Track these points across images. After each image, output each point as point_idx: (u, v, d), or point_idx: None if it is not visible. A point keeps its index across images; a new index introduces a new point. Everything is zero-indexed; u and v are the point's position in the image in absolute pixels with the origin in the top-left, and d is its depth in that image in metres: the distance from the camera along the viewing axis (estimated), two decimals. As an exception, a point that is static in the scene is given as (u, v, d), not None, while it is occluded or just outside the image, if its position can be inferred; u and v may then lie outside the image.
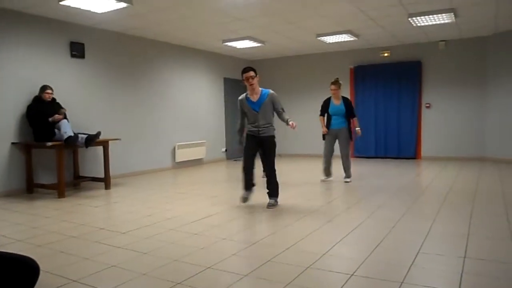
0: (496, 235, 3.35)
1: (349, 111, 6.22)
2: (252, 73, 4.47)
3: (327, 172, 6.37)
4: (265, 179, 4.80)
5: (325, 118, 6.30)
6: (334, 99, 6.25)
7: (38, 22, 5.97)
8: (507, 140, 8.06)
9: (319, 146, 9.96)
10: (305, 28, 7.36)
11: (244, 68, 4.55)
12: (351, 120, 6.31)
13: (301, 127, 10.24)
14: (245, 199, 4.73)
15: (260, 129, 4.57)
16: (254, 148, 4.67)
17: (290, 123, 4.45)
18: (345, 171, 6.34)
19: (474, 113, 8.65)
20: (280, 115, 4.63)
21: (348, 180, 6.30)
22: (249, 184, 4.72)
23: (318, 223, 3.87)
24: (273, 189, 4.69)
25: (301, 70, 10.43)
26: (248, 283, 2.50)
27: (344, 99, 6.27)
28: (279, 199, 4.78)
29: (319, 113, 6.36)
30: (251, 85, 4.49)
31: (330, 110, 6.22)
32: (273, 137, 4.63)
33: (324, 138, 6.32)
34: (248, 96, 4.60)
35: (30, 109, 5.67)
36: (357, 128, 6.33)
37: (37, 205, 5.02)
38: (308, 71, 10.32)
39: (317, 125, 10.02)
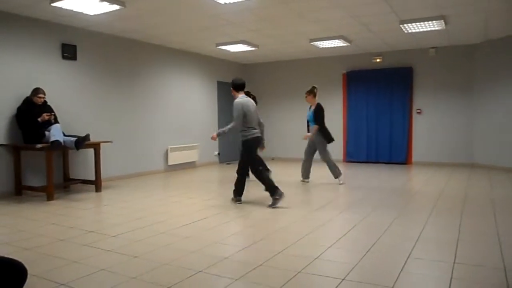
0: (486, 241, 3.38)
1: (315, 117, 6.38)
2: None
3: (304, 174, 6.72)
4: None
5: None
6: (311, 105, 6.57)
7: (30, 23, 5.92)
8: (495, 147, 8.16)
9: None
10: (299, 33, 7.39)
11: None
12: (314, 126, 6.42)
13: (294, 131, 10.30)
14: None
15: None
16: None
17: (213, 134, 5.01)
18: (332, 174, 6.46)
19: (463, 119, 8.75)
20: None
21: (340, 181, 6.45)
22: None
23: (310, 228, 3.87)
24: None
25: (295, 75, 10.47)
26: (240, 287, 2.49)
27: (316, 105, 6.45)
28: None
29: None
30: None
31: (307, 116, 6.63)
32: (242, 141, 4.97)
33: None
34: None
35: (20, 111, 5.60)
36: (307, 134, 6.58)
37: (25, 208, 4.96)
38: (301, 75, 10.36)
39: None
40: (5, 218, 4.44)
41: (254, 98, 5.73)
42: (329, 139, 6.40)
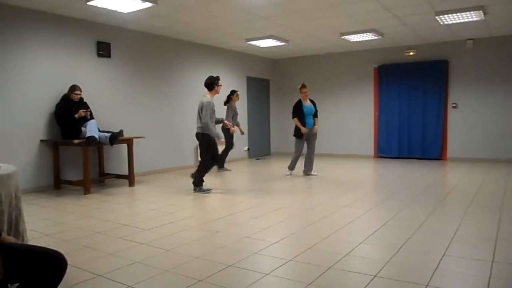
0: (526, 239, 3.24)
1: (316, 111, 6.92)
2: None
3: (293, 167, 7.04)
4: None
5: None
6: (305, 100, 6.85)
7: (66, 22, 6.13)
8: (538, 142, 7.78)
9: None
10: (329, 27, 7.29)
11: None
12: (314, 119, 6.92)
13: (324, 127, 10.18)
14: None
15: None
16: None
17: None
18: (311, 166, 6.92)
19: (501, 114, 8.39)
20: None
21: (315, 174, 6.97)
22: None
23: (340, 223, 3.83)
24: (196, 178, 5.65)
25: (325, 69, 10.34)
26: (269, 282, 2.50)
27: (312, 101, 6.95)
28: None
29: (302, 114, 6.79)
30: None
31: (305, 110, 6.77)
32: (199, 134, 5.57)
33: (300, 137, 6.80)
34: None
35: (58, 108, 5.83)
36: (316, 126, 6.93)
37: (64, 201, 5.16)
38: (331, 70, 10.23)
39: (336, 125, 9.93)
40: (46, 210, 4.63)
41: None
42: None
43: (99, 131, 5.78)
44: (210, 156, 5.56)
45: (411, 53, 9.12)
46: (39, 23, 5.80)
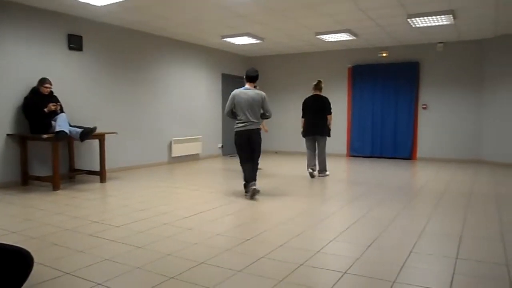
0: (489, 237, 3.38)
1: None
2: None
3: (308, 164, 6.76)
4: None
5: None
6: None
7: (36, 13, 5.93)
8: (502, 143, 8.11)
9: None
10: (305, 26, 7.35)
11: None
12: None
13: (298, 125, 10.29)
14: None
15: None
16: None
17: None
18: (320, 165, 6.74)
19: (470, 115, 8.69)
20: None
21: (322, 174, 6.76)
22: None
23: (312, 221, 3.88)
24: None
25: (300, 68, 10.43)
26: (241, 279, 2.51)
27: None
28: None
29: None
30: None
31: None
32: (256, 130, 5.05)
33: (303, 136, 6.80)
34: None
35: (27, 101, 5.64)
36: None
37: (32, 198, 5.01)
38: (306, 69, 10.33)
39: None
40: (13, 207, 4.49)
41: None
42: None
43: (70, 126, 5.63)
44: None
45: (384, 54, 9.32)
46: (7, 14, 5.60)
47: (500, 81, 8.14)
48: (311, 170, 6.56)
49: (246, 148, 4.96)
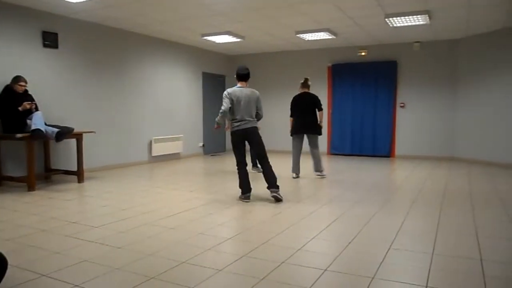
0: (463, 232, 3.47)
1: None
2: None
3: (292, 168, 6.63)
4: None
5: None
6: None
7: (9, 9, 5.76)
8: (475, 141, 8.33)
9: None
10: (285, 25, 7.38)
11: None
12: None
13: (280, 123, 10.34)
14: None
15: None
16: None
17: None
18: (315, 165, 6.56)
19: (445, 113, 8.90)
20: None
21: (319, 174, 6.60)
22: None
23: (293, 219, 3.91)
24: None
25: (280, 67, 10.47)
26: (223, 278, 2.50)
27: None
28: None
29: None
30: None
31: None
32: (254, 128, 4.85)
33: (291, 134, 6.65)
34: None
35: (0, 99, 5.48)
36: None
37: (6, 198, 4.87)
38: (287, 68, 10.37)
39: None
40: (-15, 208, 4.36)
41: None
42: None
43: (46, 125, 5.49)
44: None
45: (363, 53, 9.44)
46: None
47: (473, 80, 8.35)
48: (295, 176, 6.48)
49: (242, 147, 4.76)
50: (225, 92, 4.77)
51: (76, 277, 2.50)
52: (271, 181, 4.71)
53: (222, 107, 4.69)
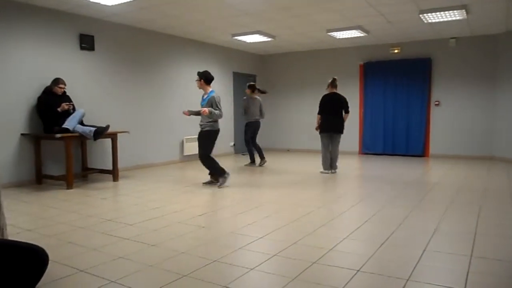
0: (503, 234, 3.32)
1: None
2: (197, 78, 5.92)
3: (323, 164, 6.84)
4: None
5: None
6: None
7: (48, 14, 6.00)
8: (517, 139, 7.97)
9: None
10: (315, 23, 7.31)
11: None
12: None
13: (310, 123, 10.25)
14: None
15: (200, 123, 5.81)
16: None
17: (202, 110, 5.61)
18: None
19: (483, 111, 8.56)
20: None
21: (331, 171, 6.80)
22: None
23: (325, 219, 3.86)
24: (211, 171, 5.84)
25: (311, 66, 10.38)
26: (254, 276, 2.51)
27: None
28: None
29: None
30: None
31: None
32: (206, 131, 5.79)
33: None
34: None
35: (40, 101, 5.72)
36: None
37: (46, 196, 5.08)
38: (318, 67, 10.27)
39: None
40: (27, 205, 4.56)
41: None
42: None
43: (84, 125, 5.69)
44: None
45: (396, 51, 9.22)
46: (21, 15, 5.67)
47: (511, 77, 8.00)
48: (327, 172, 6.68)
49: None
50: (218, 97, 5.77)
51: (112, 274, 2.57)
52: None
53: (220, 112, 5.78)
